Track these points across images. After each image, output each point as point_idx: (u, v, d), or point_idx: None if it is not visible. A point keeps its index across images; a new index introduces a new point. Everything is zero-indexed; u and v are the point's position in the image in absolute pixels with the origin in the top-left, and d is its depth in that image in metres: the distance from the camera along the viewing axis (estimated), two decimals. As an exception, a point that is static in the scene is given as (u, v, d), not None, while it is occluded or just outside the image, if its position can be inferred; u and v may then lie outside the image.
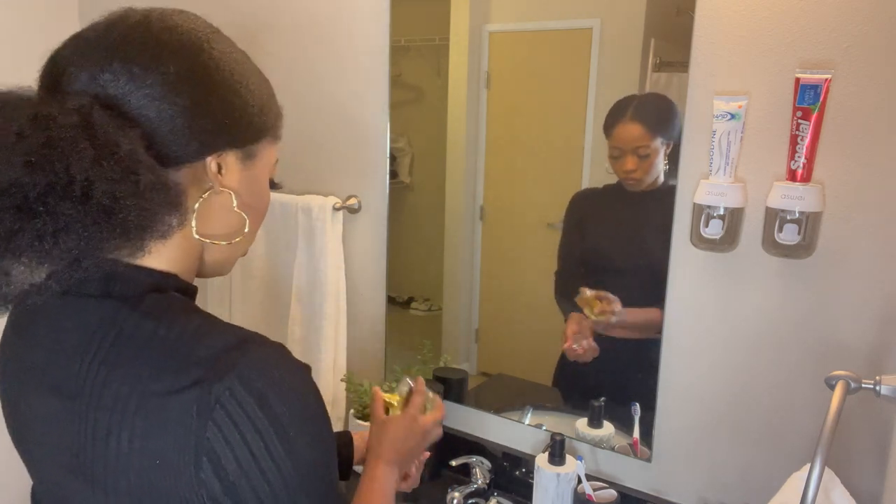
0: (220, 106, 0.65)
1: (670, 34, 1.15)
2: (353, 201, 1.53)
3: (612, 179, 1.26)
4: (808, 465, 0.80)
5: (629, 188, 1.24)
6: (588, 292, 1.28)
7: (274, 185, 0.77)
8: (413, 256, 1.58)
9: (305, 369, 0.65)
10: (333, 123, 1.55)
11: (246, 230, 0.71)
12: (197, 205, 0.67)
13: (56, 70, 0.63)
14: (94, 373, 0.61)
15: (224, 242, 0.71)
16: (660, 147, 1.19)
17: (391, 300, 1.55)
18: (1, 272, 0.55)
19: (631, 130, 1.21)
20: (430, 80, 1.47)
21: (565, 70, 1.29)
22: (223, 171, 0.68)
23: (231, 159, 0.68)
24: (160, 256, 0.66)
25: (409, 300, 1.61)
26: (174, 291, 0.66)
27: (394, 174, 1.51)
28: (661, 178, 1.21)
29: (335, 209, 1.50)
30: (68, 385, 0.62)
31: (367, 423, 1.43)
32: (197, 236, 0.67)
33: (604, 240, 1.35)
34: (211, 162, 0.67)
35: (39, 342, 0.66)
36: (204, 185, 0.67)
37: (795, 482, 0.94)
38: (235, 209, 0.69)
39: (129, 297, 0.63)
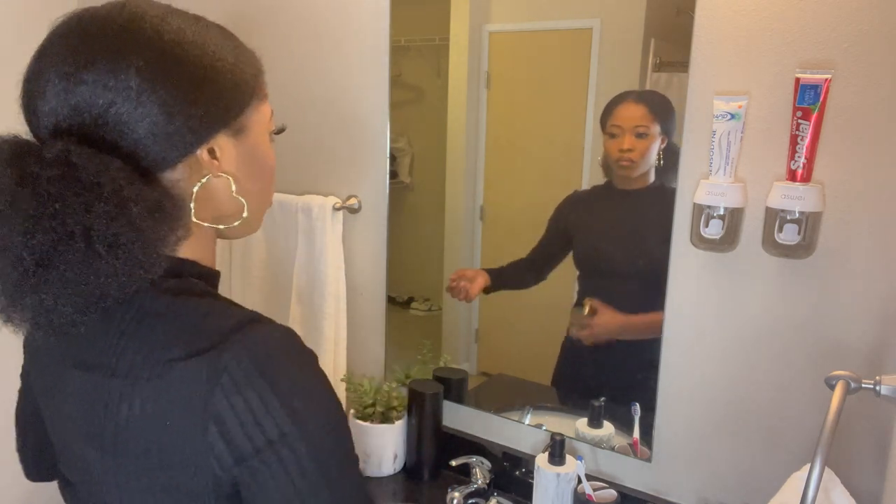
0: (193, 96, 0.64)
1: (670, 34, 1.15)
2: (353, 201, 1.53)
3: (602, 180, 1.27)
4: (808, 465, 0.80)
5: (621, 174, 1.24)
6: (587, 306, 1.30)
7: (279, 132, 0.77)
8: (413, 256, 1.57)
9: (313, 355, 0.67)
10: (333, 123, 1.55)
11: (245, 214, 0.72)
12: (195, 189, 0.67)
13: (30, 99, 0.63)
14: (113, 345, 0.64)
15: (223, 226, 0.72)
16: (657, 135, 1.19)
17: (391, 300, 1.55)
18: (51, 308, 0.58)
19: (634, 109, 1.21)
20: (430, 80, 1.47)
21: (565, 70, 1.29)
22: (219, 155, 0.68)
23: (222, 141, 0.68)
24: (182, 247, 0.68)
25: (409, 300, 1.61)
26: (194, 277, 0.69)
27: (394, 174, 1.51)
28: (652, 177, 1.21)
29: (335, 209, 1.50)
30: (90, 358, 0.65)
31: (367, 423, 1.43)
32: (196, 220, 0.68)
33: (594, 240, 1.35)
34: (202, 153, 0.67)
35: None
36: (202, 172, 0.67)
37: (795, 482, 0.94)
38: (234, 195, 0.70)
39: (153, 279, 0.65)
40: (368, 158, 1.51)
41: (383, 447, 1.43)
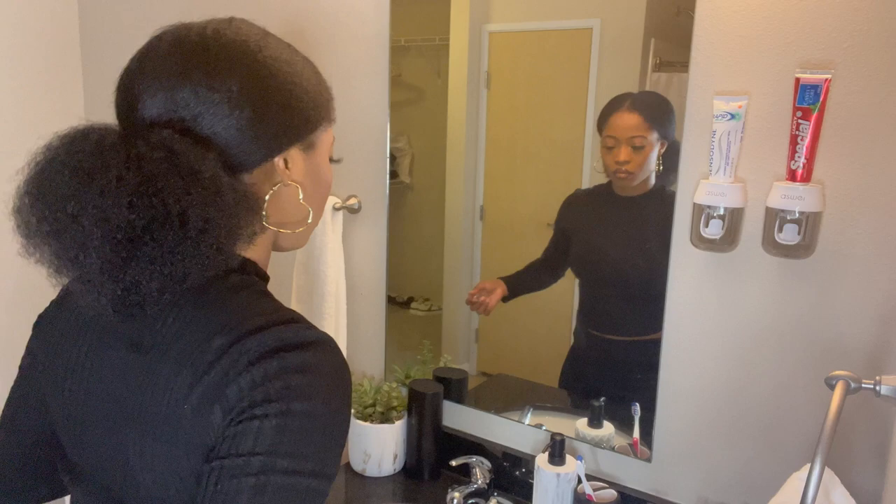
0: (280, 109, 0.70)
1: (670, 34, 1.15)
2: (353, 201, 1.53)
3: (604, 179, 1.27)
4: (808, 465, 0.80)
5: (619, 184, 1.24)
6: None
7: (333, 161, 0.83)
8: (413, 256, 1.57)
9: (345, 367, 0.68)
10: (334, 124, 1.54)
11: (309, 221, 0.78)
12: (268, 196, 0.72)
13: (130, 98, 0.68)
14: (171, 330, 0.66)
15: (290, 231, 0.78)
16: (655, 143, 1.19)
17: (391, 300, 1.55)
18: (132, 284, 0.62)
19: (628, 119, 1.21)
20: (430, 80, 1.47)
21: (565, 70, 1.29)
22: (289, 166, 0.73)
23: (295, 153, 0.73)
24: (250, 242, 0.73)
25: (409, 300, 1.61)
26: (253, 275, 0.74)
27: (394, 174, 1.51)
28: (653, 181, 1.21)
29: (335, 209, 1.50)
30: (146, 339, 0.67)
31: (367, 423, 1.43)
32: (266, 224, 0.73)
33: (594, 247, 1.35)
34: (279, 161, 0.72)
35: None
36: (274, 179, 0.72)
37: (795, 482, 0.94)
38: (301, 202, 0.76)
39: (217, 273, 0.68)
40: (368, 158, 1.51)
41: (383, 447, 1.43)
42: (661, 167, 1.19)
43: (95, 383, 0.70)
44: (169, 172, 0.61)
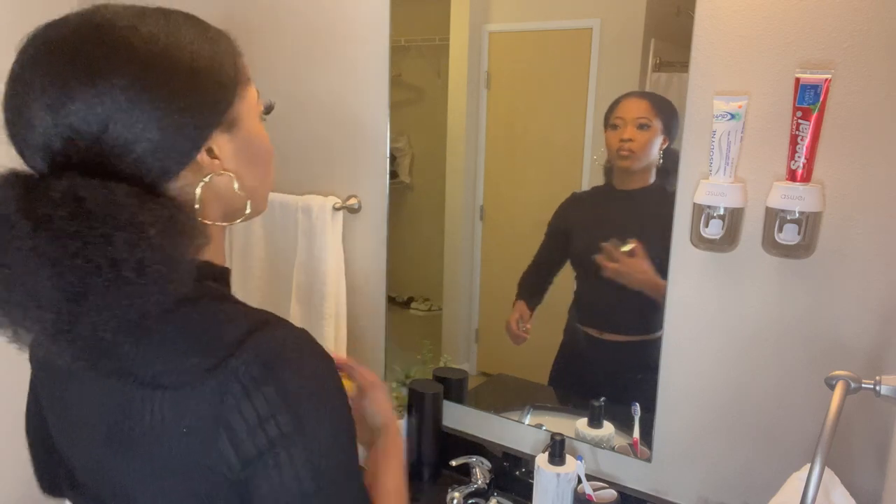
0: (181, 101, 0.63)
1: (670, 34, 1.15)
2: (353, 201, 1.53)
3: (602, 181, 1.27)
4: (808, 465, 0.80)
5: (621, 166, 1.24)
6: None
7: (268, 111, 0.77)
8: (413, 256, 1.57)
9: (326, 358, 0.67)
10: (333, 123, 1.55)
11: (247, 210, 0.73)
12: (198, 191, 0.67)
13: (21, 127, 0.61)
14: (135, 353, 0.64)
15: (237, 221, 0.74)
16: (659, 131, 1.19)
17: (391, 300, 1.55)
18: (89, 335, 0.59)
19: (637, 102, 1.21)
20: (430, 80, 1.47)
21: (565, 70, 1.29)
22: (217, 153, 0.68)
23: (219, 138, 0.68)
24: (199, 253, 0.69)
25: (409, 300, 1.61)
26: (209, 279, 0.71)
27: (394, 174, 1.51)
28: (653, 177, 1.21)
29: (335, 209, 1.50)
30: (110, 364, 0.65)
31: (367, 423, 1.43)
32: (206, 221, 0.69)
33: (593, 239, 1.35)
34: (202, 155, 0.66)
35: None
36: (204, 173, 0.67)
37: (795, 482, 0.94)
38: (237, 191, 0.70)
39: None
40: (368, 158, 1.51)
41: (383, 447, 1.43)
42: (662, 160, 1.19)
43: (77, 409, 0.70)
44: (82, 227, 0.56)
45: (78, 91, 0.59)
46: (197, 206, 0.67)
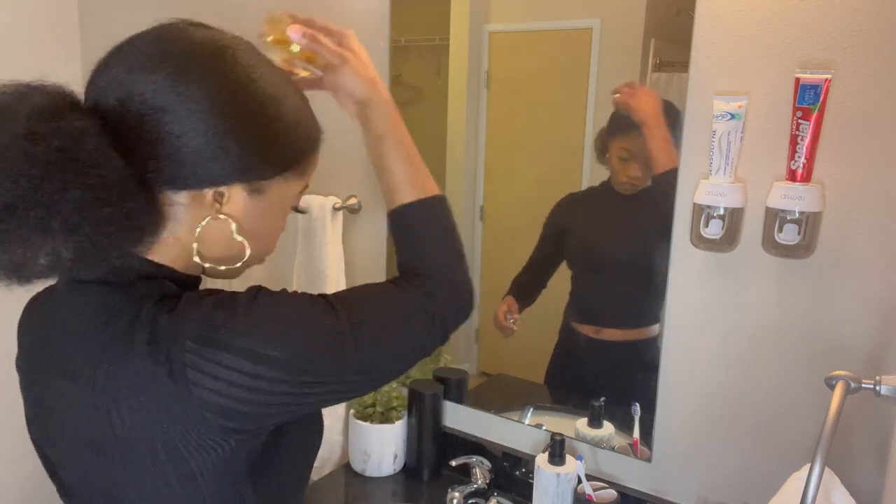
0: (232, 141, 0.65)
1: (670, 34, 1.15)
2: (353, 201, 1.53)
3: (597, 181, 1.27)
4: (808, 465, 0.80)
5: (622, 191, 1.25)
6: None
7: (298, 211, 0.78)
8: (413, 256, 1.57)
9: (253, 290, 0.67)
10: (333, 123, 1.54)
11: (245, 257, 0.72)
12: (199, 229, 0.68)
13: (97, 70, 0.66)
14: (90, 356, 0.65)
15: (223, 267, 0.73)
16: None
17: (391, 300, 1.55)
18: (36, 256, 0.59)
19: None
20: (430, 80, 1.47)
21: (565, 70, 1.29)
22: (225, 201, 0.68)
23: (237, 191, 0.69)
24: (156, 252, 0.69)
25: (409, 300, 1.60)
26: (166, 279, 0.69)
27: (394, 174, 1.51)
28: (650, 179, 1.22)
29: (335, 209, 1.50)
30: (73, 368, 0.66)
31: (366, 423, 1.43)
32: (197, 259, 0.69)
33: (592, 243, 1.35)
34: (207, 193, 0.67)
35: (49, 332, 0.70)
36: (206, 210, 0.68)
37: (795, 482, 0.94)
38: (235, 236, 0.70)
39: (122, 283, 0.66)
40: (369, 158, 1.50)
41: (383, 447, 1.43)
42: None
43: (55, 413, 0.70)
44: (60, 161, 0.57)
45: (163, 72, 0.63)
46: (195, 245, 0.69)
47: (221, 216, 0.68)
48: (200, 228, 0.68)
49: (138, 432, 0.63)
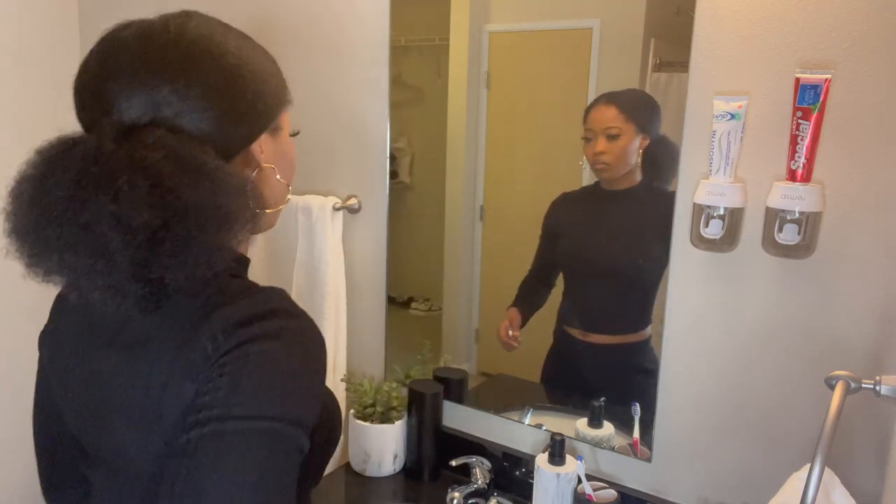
0: (250, 100, 0.72)
1: (670, 34, 1.15)
2: (353, 201, 1.53)
3: (591, 181, 1.28)
4: (808, 465, 0.80)
5: (601, 177, 1.24)
6: None
7: (294, 135, 0.85)
8: (413, 256, 1.57)
9: (313, 327, 0.71)
10: (333, 123, 1.55)
11: (288, 197, 0.83)
12: (252, 175, 0.75)
13: (103, 101, 0.66)
14: (149, 323, 0.67)
15: (270, 210, 0.80)
16: (634, 134, 1.19)
17: (391, 300, 1.55)
18: (157, 281, 0.63)
19: (604, 111, 1.22)
20: (430, 80, 1.47)
21: (565, 70, 1.29)
22: (263, 150, 0.76)
23: (264, 138, 0.76)
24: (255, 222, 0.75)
25: (409, 300, 1.61)
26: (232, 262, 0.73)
27: (394, 174, 1.51)
28: (639, 176, 1.21)
29: (335, 209, 1.50)
30: (127, 337, 0.69)
31: (367, 423, 1.43)
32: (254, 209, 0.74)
33: (581, 246, 1.35)
34: (255, 147, 0.75)
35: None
36: (252, 165, 0.75)
37: (795, 482, 0.94)
38: (279, 179, 0.79)
39: None
40: (368, 158, 1.51)
41: (383, 447, 1.43)
42: (646, 159, 1.19)
43: (92, 383, 0.72)
44: (175, 170, 0.62)
45: (173, 79, 0.66)
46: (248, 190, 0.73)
47: (266, 165, 0.76)
48: (253, 178, 0.75)
49: (163, 404, 0.65)
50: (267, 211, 0.80)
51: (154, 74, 0.66)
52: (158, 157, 0.61)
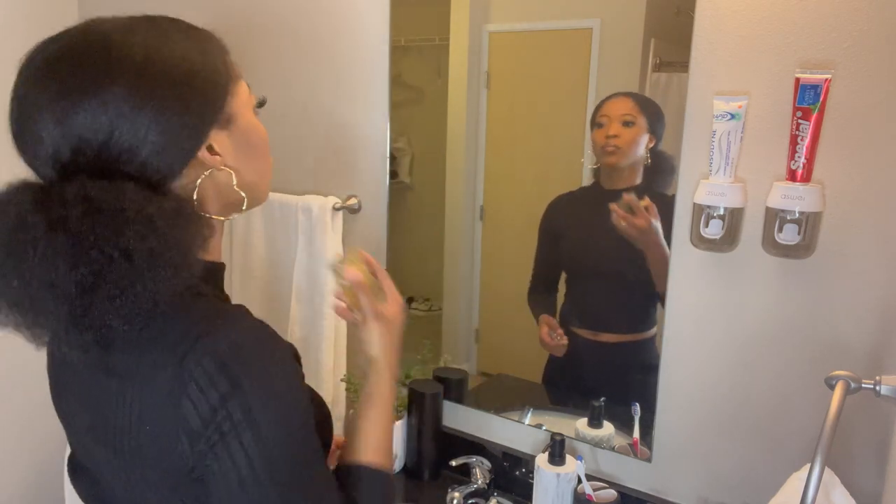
0: (179, 104, 0.66)
1: (670, 34, 1.15)
2: (353, 201, 1.53)
3: (591, 181, 1.28)
4: (808, 465, 0.80)
5: (607, 163, 1.24)
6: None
7: (261, 105, 0.78)
8: (413, 256, 1.57)
9: (280, 349, 0.68)
10: (334, 123, 1.55)
11: (244, 207, 0.75)
12: (197, 184, 0.70)
13: (29, 137, 0.65)
14: (123, 345, 0.66)
15: (223, 217, 0.74)
16: (645, 128, 1.20)
17: (391, 300, 1.55)
18: (100, 326, 0.62)
19: (621, 101, 1.22)
20: (430, 80, 1.47)
21: (565, 70, 1.29)
22: (218, 150, 0.70)
23: (217, 136, 0.70)
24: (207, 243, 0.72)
25: (409, 300, 1.61)
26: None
27: (394, 174, 1.51)
28: (640, 177, 1.21)
29: (335, 209, 1.50)
30: (114, 363, 0.68)
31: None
32: (206, 214, 0.71)
33: (583, 246, 1.35)
34: (202, 153, 0.69)
35: None
36: (206, 168, 0.70)
37: (795, 482, 0.94)
38: (235, 188, 0.73)
39: None
40: (368, 158, 1.51)
41: (383, 447, 1.43)
42: (650, 160, 1.19)
43: (72, 399, 0.74)
44: (95, 223, 0.60)
45: (82, 103, 0.62)
46: (195, 199, 0.69)
47: (223, 168, 0.71)
48: (200, 182, 0.69)
49: (136, 424, 0.65)
50: (217, 218, 0.74)
51: (62, 98, 0.63)
52: (76, 213, 0.60)
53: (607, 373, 1.34)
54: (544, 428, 1.38)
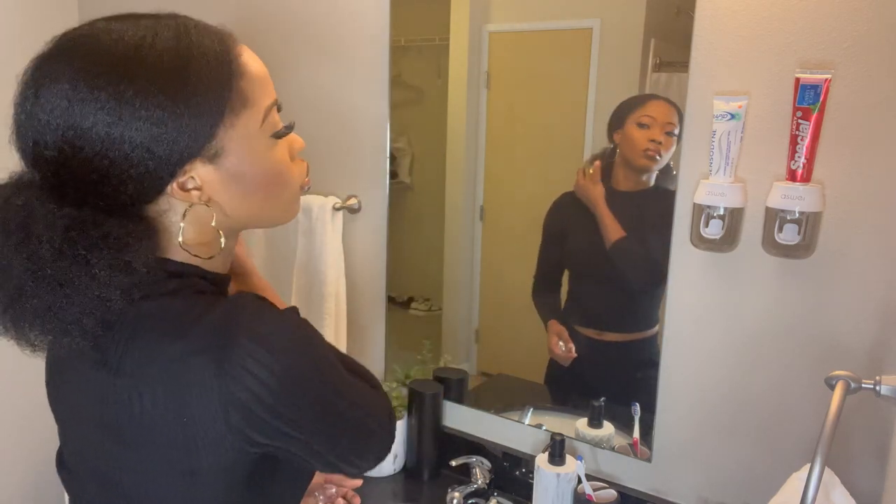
0: (159, 131, 0.62)
1: (670, 34, 1.15)
2: (353, 201, 1.53)
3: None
4: (808, 465, 0.80)
5: (640, 164, 1.23)
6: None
7: (287, 131, 0.72)
8: (413, 256, 1.58)
9: (308, 336, 0.71)
10: (333, 123, 1.55)
11: (222, 246, 0.72)
12: (182, 223, 0.68)
13: (23, 130, 0.66)
14: (117, 346, 0.66)
15: (205, 257, 0.71)
16: (677, 140, 1.19)
17: (391, 300, 1.55)
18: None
19: (666, 107, 1.20)
20: (430, 80, 1.47)
21: (565, 70, 1.29)
22: (200, 185, 0.67)
23: (200, 169, 0.66)
24: (179, 254, 0.70)
25: (409, 300, 1.61)
26: (196, 277, 0.71)
27: (394, 174, 1.51)
28: (653, 180, 1.21)
29: (335, 209, 1.50)
30: (97, 356, 0.67)
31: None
32: (185, 248, 0.69)
33: (588, 245, 1.35)
34: (172, 187, 0.66)
35: None
36: (184, 204, 0.68)
37: (795, 482, 0.94)
38: (213, 226, 0.69)
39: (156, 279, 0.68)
40: (368, 158, 1.51)
41: (383, 447, 1.43)
42: (669, 167, 1.19)
43: (72, 393, 0.73)
44: (63, 246, 0.62)
45: (88, 99, 0.62)
46: (180, 238, 0.69)
47: (203, 205, 0.68)
48: (185, 218, 0.68)
49: (161, 419, 0.64)
50: (196, 257, 0.71)
51: (62, 99, 0.64)
52: (54, 236, 0.62)
53: (609, 372, 1.33)
54: (544, 428, 1.38)
